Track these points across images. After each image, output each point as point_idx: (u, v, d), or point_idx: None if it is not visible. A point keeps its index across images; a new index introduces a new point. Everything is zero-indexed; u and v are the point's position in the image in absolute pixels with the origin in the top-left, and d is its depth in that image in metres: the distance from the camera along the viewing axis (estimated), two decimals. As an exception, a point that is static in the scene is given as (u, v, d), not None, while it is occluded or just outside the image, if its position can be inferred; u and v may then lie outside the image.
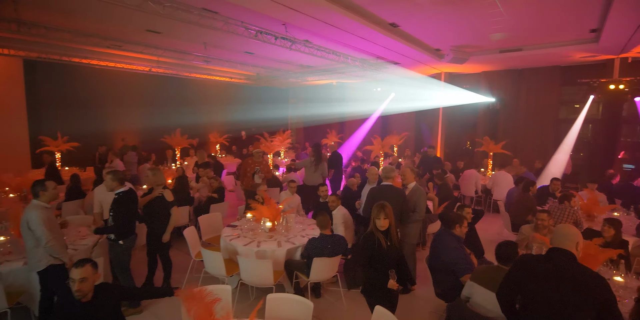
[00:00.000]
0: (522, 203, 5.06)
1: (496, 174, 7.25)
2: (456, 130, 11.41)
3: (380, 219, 2.75)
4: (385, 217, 2.75)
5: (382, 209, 2.77)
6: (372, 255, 2.75)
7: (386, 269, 2.66)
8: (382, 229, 2.77)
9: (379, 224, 2.77)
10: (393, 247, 2.80)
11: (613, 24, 5.77)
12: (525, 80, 10.13)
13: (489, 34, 6.90)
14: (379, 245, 2.75)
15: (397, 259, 2.86)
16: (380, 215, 2.75)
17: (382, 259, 2.75)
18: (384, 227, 2.77)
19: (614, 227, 3.47)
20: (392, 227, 2.81)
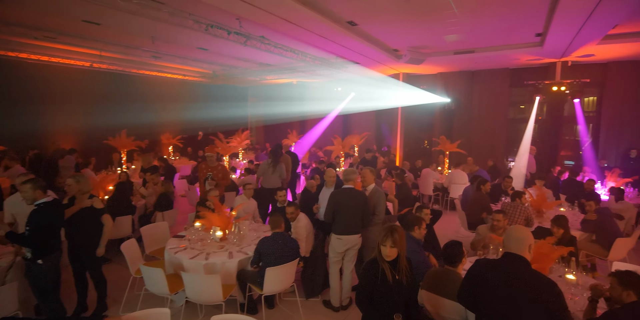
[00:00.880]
0: (476, 201, 5.15)
1: (452, 172, 7.42)
2: (415, 130, 11.65)
3: (386, 246, 2.25)
4: (393, 245, 2.25)
5: (390, 234, 2.26)
6: (373, 290, 2.28)
7: (391, 312, 2.16)
8: (389, 259, 2.29)
9: (384, 253, 2.27)
10: (401, 284, 2.28)
11: (556, 29, 6.07)
12: (478, 81, 10.55)
13: (444, 35, 7.04)
14: (383, 279, 2.26)
15: (407, 299, 2.34)
16: (387, 242, 2.25)
17: (386, 297, 2.27)
18: (391, 257, 2.28)
19: (562, 227, 3.57)
20: (401, 257, 2.31)
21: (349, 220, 3.58)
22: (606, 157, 9.02)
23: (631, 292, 2.14)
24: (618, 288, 2.19)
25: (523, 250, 2.04)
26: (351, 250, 3.65)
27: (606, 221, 4.51)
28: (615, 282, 2.21)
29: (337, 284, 3.72)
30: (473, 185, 5.55)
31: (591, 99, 9.88)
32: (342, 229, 3.59)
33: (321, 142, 11.92)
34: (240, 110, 14.11)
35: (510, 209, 4.67)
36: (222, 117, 12.33)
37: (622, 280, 2.18)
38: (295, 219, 4.02)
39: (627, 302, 2.17)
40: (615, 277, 2.24)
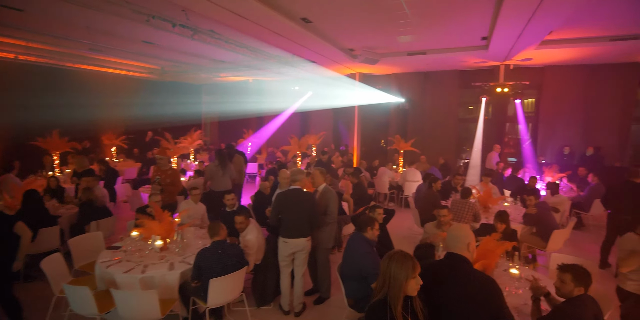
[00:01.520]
0: (427, 199, 5.26)
1: (406, 170, 7.59)
2: (372, 129, 11.82)
3: (417, 278, 1.83)
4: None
5: (413, 267, 1.82)
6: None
7: None
8: (415, 293, 1.84)
9: (413, 287, 1.81)
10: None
11: (499, 34, 6.38)
12: (430, 82, 10.92)
13: (397, 36, 7.16)
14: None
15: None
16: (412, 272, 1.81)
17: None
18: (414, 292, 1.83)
19: (504, 222, 3.72)
20: (416, 299, 1.86)
21: (295, 223, 3.45)
22: (544, 154, 9.73)
23: (582, 288, 2.16)
24: (571, 284, 2.15)
25: (463, 249, 2.06)
26: (300, 254, 3.52)
27: (544, 214, 4.80)
28: (570, 278, 2.16)
29: (287, 288, 3.59)
30: (425, 183, 5.66)
31: (531, 100, 10.63)
32: (288, 232, 3.45)
33: (279, 142, 11.69)
34: (194, 109, 13.45)
35: (459, 205, 4.81)
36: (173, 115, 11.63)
37: (576, 277, 2.15)
38: (245, 230, 3.69)
39: (575, 294, 2.16)
40: (569, 273, 2.18)
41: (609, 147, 9.07)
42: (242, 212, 3.76)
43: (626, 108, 9.12)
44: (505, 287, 2.94)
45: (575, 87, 9.49)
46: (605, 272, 4.87)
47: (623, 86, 9.05)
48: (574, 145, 9.38)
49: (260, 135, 11.74)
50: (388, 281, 1.84)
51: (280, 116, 12.01)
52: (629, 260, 2.85)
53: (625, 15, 5.78)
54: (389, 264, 1.87)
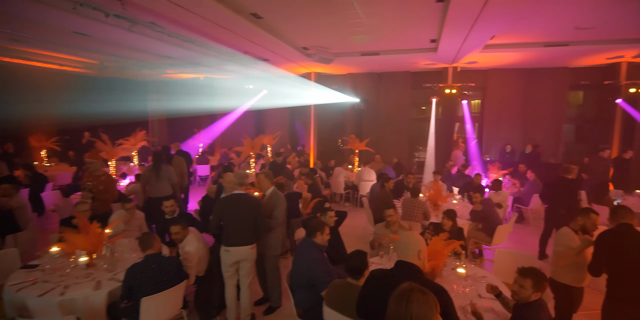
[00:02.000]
0: (380, 198, 5.27)
1: (361, 170, 7.62)
2: (328, 129, 11.79)
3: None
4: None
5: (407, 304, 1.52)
6: None
7: None
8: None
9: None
10: None
11: (446, 36, 6.59)
12: (383, 83, 11.11)
13: (351, 35, 7.14)
14: None
15: None
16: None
17: None
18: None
19: (451, 219, 3.79)
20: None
21: (238, 230, 3.24)
22: (488, 152, 10.30)
23: (539, 293, 2.15)
24: (530, 290, 2.12)
25: (413, 257, 1.98)
26: (245, 263, 3.31)
27: (489, 211, 5.00)
28: (530, 284, 2.11)
29: (233, 301, 3.36)
30: (378, 182, 5.68)
31: (477, 101, 11.22)
32: (230, 240, 3.23)
33: (233, 142, 11.26)
34: (139, 107, 12.52)
35: (410, 204, 4.87)
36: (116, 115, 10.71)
37: (536, 283, 2.12)
38: (183, 240, 3.35)
39: (531, 300, 2.15)
40: (530, 279, 2.13)
41: (545, 145, 9.82)
42: (178, 220, 3.44)
43: (559, 109, 9.93)
44: (452, 286, 2.96)
45: (515, 89, 10.16)
46: (544, 263, 5.19)
47: (556, 89, 9.84)
48: (515, 144, 10.03)
49: (209, 134, 11.18)
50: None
51: (231, 115, 11.51)
52: (564, 254, 2.99)
53: (556, 24, 6.23)
54: (407, 306, 1.51)
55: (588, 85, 9.93)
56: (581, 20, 5.96)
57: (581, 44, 7.36)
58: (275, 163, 6.92)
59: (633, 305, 2.59)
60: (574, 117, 11.04)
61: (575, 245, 2.95)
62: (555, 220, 5.18)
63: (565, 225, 4.97)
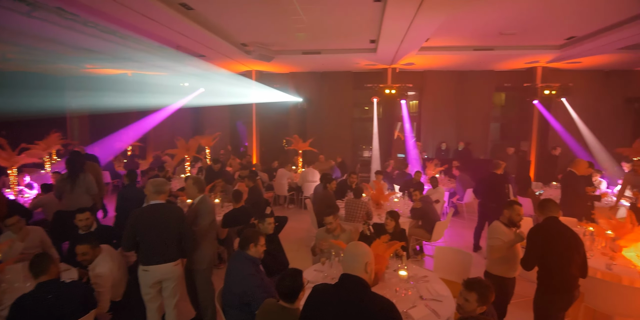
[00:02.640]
0: (323, 200, 5.15)
1: (305, 171, 7.46)
2: (271, 129, 11.47)
3: None
4: None
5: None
6: None
7: None
8: None
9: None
10: None
11: (385, 37, 6.68)
12: (326, 82, 11.09)
13: (291, 33, 6.94)
14: None
15: None
16: None
17: None
18: None
19: (394, 220, 3.77)
20: None
21: (157, 246, 2.86)
22: (426, 150, 10.79)
23: (484, 307, 2.11)
24: (475, 303, 2.07)
25: (360, 270, 1.81)
26: (169, 282, 2.94)
27: (428, 208, 5.13)
28: (474, 298, 2.06)
29: (157, 327, 2.95)
30: (321, 183, 5.55)
31: (415, 101, 11.70)
32: (148, 258, 2.84)
33: (167, 144, 10.40)
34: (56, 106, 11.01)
35: (352, 205, 4.80)
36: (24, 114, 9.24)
37: (481, 297, 2.07)
38: (93, 261, 2.88)
39: (478, 313, 2.10)
40: (475, 292, 2.07)
41: (475, 142, 10.53)
42: (86, 238, 2.94)
43: (486, 109, 10.73)
44: (395, 289, 2.90)
45: (448, 90, 10.77)
46: (478, 255, 5.47)
47: (483, 90, 10.62)
48: (449, 141, 10.63)
49: (134, 134, 10.14)
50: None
51: (162, 113, 10.55)
52: (496, 247, 3.08)
53: (484, 29, 6.63)
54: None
55: (510, 87, 10.86)
56: (505, 26, 6.42)
57: (505, 48, 7.97)
58: (211, 170, 6.43)
59: (563, 295, 2.73)
60: (499, 117, 12.06)
61: (506, 238, 3.06)
62: (487, 214, 5.49)
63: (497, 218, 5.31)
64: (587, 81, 10.13)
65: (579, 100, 9.99)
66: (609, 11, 5.61)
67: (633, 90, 10.24)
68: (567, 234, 2.75)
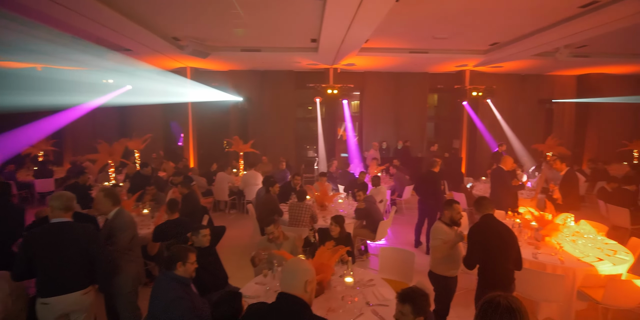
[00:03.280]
0: (266, 204, 4.90)
1: (247, 173, 7.10)
2: (209, 130, 10.82)
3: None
4: None
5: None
6: None
7: None
8: None
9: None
10: None
11: (325, 37, 6.61)
12: (267, 81, 10.78)
13: (229, 28, 6.55)
14: None
15: None
16: None
17: None
18: None
19: (339, 225, 3.66)
20: None
21: (59, 273, 2.42)
22: (368, 149, 11.02)
23: (421, 317, 2.01)
24: (410, 316, 1.94)
25: (299, 289, 1.64)
26: (77, 315, 2.50)
27: (372, 208, 5.14)
28: (409, 310, 1.93)
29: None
30: (263, 187, 5.28)
31: (357, 102, 11.90)
32: (47, 288, 2.39)
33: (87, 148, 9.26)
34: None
35: (296, 208, 4.63)
36: None
37: (416, 309, 1.96)
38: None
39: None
40: (409, 304, 1.95)
41: (413, 141, 11.01)
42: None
43: (421, 109, 11.28)
44: (341, 296, 2.79)
45: (387, 90, 11.12)
46: (419, 250, 5.64)
47: (419, 91, 11.15)
48: (390, 140, 10.99)
49: (35, 136, 8.79)
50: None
51: (74, 112, 9.26)
52: (438, 247, 3.12)
53: (418, 33, 6.89)
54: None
55: (442, 88, 11.55)
56: (438, 30, 6.72)
57: (437, 52, 8.40)
58: (139, 175, 5.80)
59: (502, 290, 2.81)
60: (433, 116, 12.80)
61: (447, 238, 3.11)
62: (426, 210, 5.69)
63: (435, 214, 5.52)
64: (507, 84, 11.15)
65: (501, 101, 10.97)
66: (525, 22, 6.16)
67: (545, 92, 11.54)
68: (502, 231, 2.85)
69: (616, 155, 10.88)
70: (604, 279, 3.45)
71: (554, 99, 11.34)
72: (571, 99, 11.38)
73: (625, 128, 11.71)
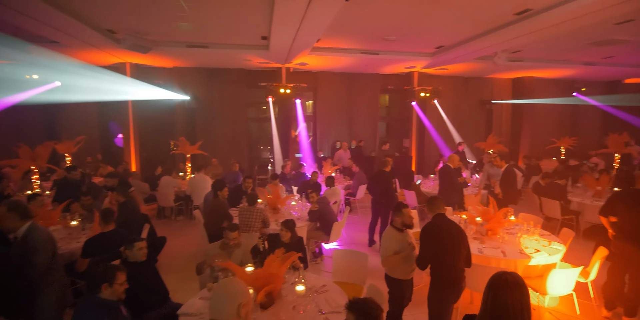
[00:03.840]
0: (214, 209, 4.61)
1: (194, 177, 6.68)
2: (153, 131, 10.08)
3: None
4: None
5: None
6: None
7: None
8: None
9: None
10: None
11: (276, 35, 6.42)
12: (217, 80, 10.31)
13: (171, 21, 6.10)
14: None
15: None
16: None
17: None
18: None
19: (289, 230, 3.51)
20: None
21: None
22: (322, 149, 11.01)
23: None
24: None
25: (231, 314, 1.48)
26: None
27: (325, 209, 5.07)
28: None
29: None
30: (211, 191, 4.97)
31: (311, 101, 11.82)
32: None
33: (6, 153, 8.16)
34: None
35: (247, 213, 4.41)
36: None
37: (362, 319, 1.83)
38: None
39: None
40: (353, 314, 1.83)
41: (366, 140, 11.19)
42: None
43: (374, 109, 11.49)
44: (292, 306, 2.65)
45: (340, 91, 11.16)
46: (372, 250, 5.67)
47: (371, 92, 11.34)
48: (344, 140, 11.05)
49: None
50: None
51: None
52: (388, 260, 3.06)
53: (369, 34, 6.95)
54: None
55: (393, 89, 11.87)
56: (388, 32, 6.83)
57: (387, 53, 8.58)
58: (66, 181, 5.18)
59: (454, 289, 2.85)
60: (385, 116, 13.12)
61: (398, 245, 3.04)
62: (379, 209, 5.74)
63: (388, 213, 5.57)
64: (452, 86, 11.75)
65: (447, 102, 11.53)
66: (466, 27, 6.47)
67: (485, 94, 12.34)
68: (454, 230, 2.88)
69: (546, 151, 11.95)
70: (541, 269, 3.68)
71: (493, 100, 12.17)
72: (508, 100, 12.30)
73: (554, 127, 12.90)
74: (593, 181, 6.58)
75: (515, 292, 1.59)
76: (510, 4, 5.22)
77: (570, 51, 8.52)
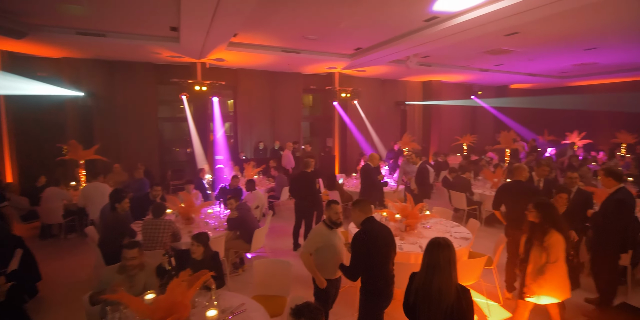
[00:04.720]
0: (110, 225, 3.90)
1: (87, 186, 5.67)
2: (35, 133, 8.40)
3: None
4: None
5: None
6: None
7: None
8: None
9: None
10: None
11: (186, 27, 5.82)
12: (119, 74, 9.09)
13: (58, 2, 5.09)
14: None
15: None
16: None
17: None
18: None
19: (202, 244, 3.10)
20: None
21: None
22: (244, 150, 10.51)
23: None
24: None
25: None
26: None
27: (246, 216, 4.71)
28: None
29: None
30: (109, 203, 4.23)
31: (232, 100, 11.18)
32: None
33: None
34: None
35: (152, 227, 3.84)
36: None
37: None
38: None
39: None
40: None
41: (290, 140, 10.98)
42: None
43: (297, 109, 11.37)
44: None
45: (263, 90, 10.78)
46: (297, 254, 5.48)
47: (294, 91, 11.19)
48: (267, 141, 10.72)
49: None
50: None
51: None
52: (303, 257, 2.94)
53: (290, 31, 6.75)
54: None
55: (315, 89, 11.90)
56: (308, 31, 6.71)
57: (308, 53, 8.49)
58: None
59: (386, 293, 2.77)
60: (308, 116, 13.13)
61: (323, 241, 2.94)
62: (303, 212, 5.58)
63: (312, 215, 5.44)
64: (370, 87, 12.24)
65: (366, 102, 11.97)
66: (381, 31, 6.72)
67: (400, 95, 13.15)
68: (385, 233, 2.74)
69: (452, 148, 13.23)
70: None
71: (407, 101, 13.04)
72: (419, 101, 13.31)
73: (458, 126, 14.39)
74: (490, 174, 7.37)
75: (445, 250, 2.11)
76: (421, 10, 5.52)
77: (469, 58, 9.48)
